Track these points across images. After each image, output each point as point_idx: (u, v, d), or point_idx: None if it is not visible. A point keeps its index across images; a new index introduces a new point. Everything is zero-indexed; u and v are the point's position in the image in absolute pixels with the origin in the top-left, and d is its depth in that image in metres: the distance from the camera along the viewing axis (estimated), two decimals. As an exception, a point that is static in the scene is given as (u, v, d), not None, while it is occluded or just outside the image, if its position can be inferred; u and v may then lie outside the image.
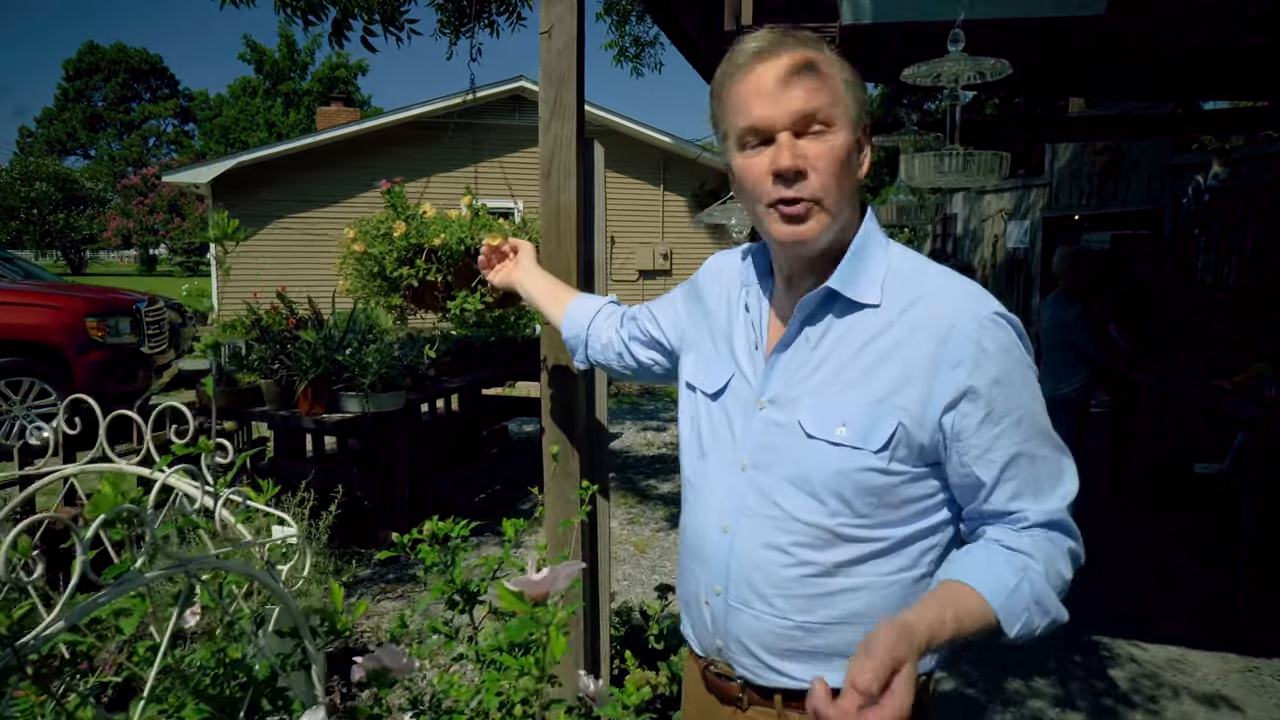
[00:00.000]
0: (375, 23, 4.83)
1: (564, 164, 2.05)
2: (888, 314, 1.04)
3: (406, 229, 1.92)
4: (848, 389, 1.04)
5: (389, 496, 4.32)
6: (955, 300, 1.02)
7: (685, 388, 1.28)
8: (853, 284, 1.06)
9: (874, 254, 1.08)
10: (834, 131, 1.01)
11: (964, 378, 0.99)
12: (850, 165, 1.03)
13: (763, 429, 1.10)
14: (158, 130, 54.82)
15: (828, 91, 1.00)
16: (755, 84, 1.01)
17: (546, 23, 2.04)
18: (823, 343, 1.07)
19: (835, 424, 1.03)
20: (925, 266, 1.08)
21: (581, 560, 1.93)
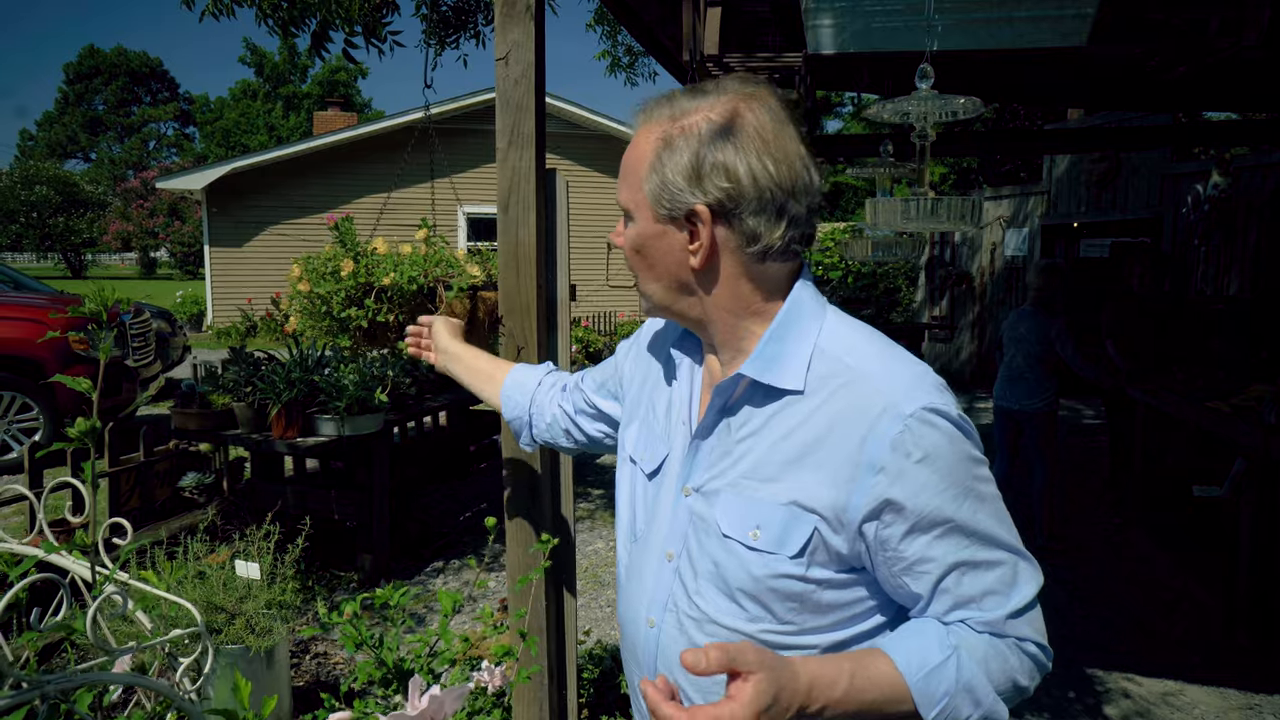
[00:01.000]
0: (357, 34, 4.75)
1: (523, 197, 1.95)
2: (811, 401, 0.93)
3: (355, 267, 1.82)
4: (764, 486, 0.94)
5: (368, 519, 4.22)
6: (880, 391, 0.90)
7: (626, 461, 1.18)
8: (770, 368, 0.95)
9: (800, 331, 0.97)
10: (630, 221, 1.01)
11: (884, 487, 0.88)
12: (657, 254, 0.98)
13: (687, 519, 1.02)
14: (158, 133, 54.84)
15: (627, 183, 1.00)
16: None
17: (503, 49, 1.94)
18: (742, 431, 0.98)
19: (750, 525, 0.94)
20: (856, 344, 0.96)
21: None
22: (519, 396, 1.45)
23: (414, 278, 1.90)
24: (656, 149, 0.95)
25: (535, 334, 1.98)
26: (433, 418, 5.83)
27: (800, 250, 0.99)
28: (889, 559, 0.91)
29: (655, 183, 0.95)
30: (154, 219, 29.28)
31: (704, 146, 0.92)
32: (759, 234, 0.94)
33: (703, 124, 0.93)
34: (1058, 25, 1.38)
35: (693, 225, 0.95)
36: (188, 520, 4.08)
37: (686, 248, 0.96)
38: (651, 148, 0.95)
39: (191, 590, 2.66)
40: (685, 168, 0.93)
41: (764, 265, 0.96)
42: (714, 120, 0.93)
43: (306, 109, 44.84)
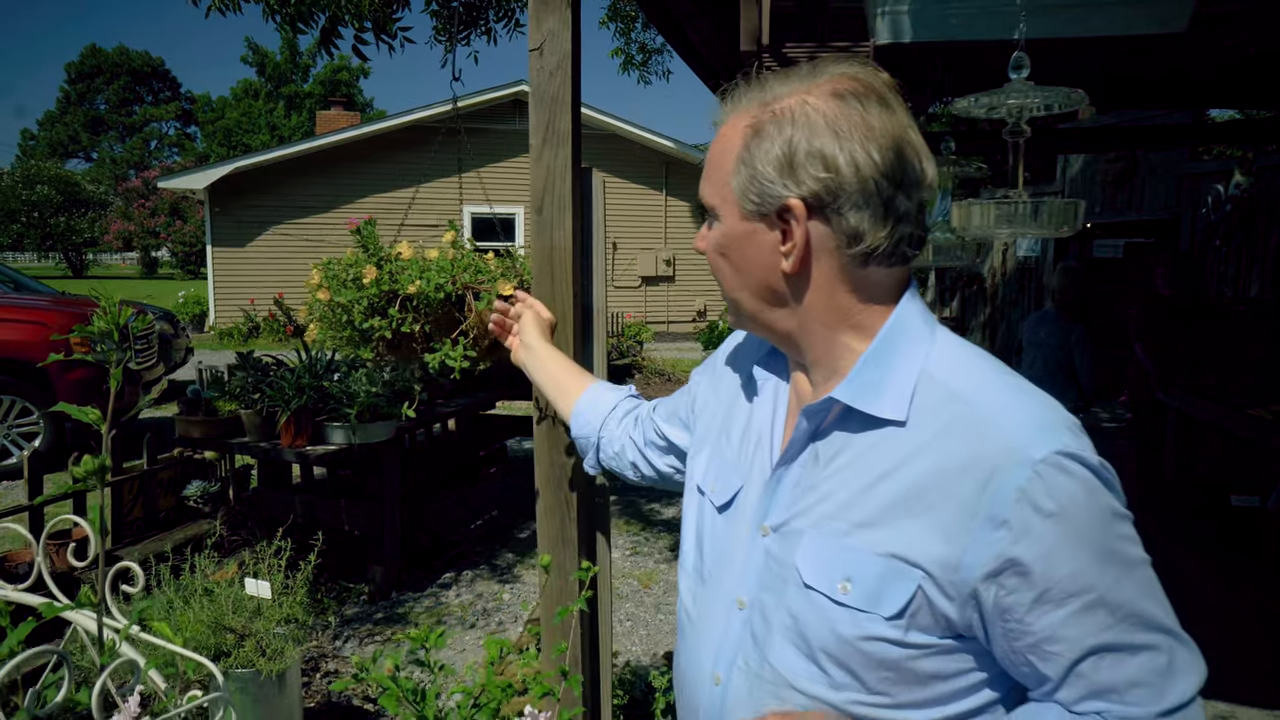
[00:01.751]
0: (366, 30, 4.63)
1: (558, 198, 1.82)
2: (916, 436, 0.80)
3: (378, 274, 1.69)
4: (857, 531, 0.81)
5: (379, 530, 4.09)
6: (1003, 430, 0.76)
7: (694, 491, 1.05)
8: (868, 393, 0.83)
9: (905, 352, 0.84)
10: (715, 220, 0.90)
11: (1006, 545, 0.74)
12: (744, 258, 0.88)
13: (763, 563, 0.89)
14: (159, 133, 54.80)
15: (713, 174, 0.89)
16: None
17: (537, 38, 1.81)
18: (833, 463, 0.85)
19: (839, 576, 0.81)
20: (972, 372, 0.83)
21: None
22: (591, 416, 1.35)
23: (441, 285, 1.77)
24: (745, 138, 0.84)
25: (571, 345, 1.85)
26: (441, 423, 5.70)
27: (910, 254, 0.86)
28: (1010, 631, 0.77)
29: (744, 175, 0.84)
30: (155, 219, 29.17)
31: (799, 132, 0.81)
32: (861, 232, 0.81)
33: (797, 108, 0.82)
34: (1155, 10, 1.25)
35: (785, 223, 0.84)
36: (193, 531, 3.96)
37: (778, 248, 0.85)
38: (739, 137, 0.85)
39: (199, 610, 2.53)
40: (777, 157, 0.82)
41: (866, 270, 0.84)
42: (811, 104, 0.82)
43: (309, 108, 44.73)
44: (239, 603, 2.67)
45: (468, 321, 1.90)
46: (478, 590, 4.25)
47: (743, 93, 0.88)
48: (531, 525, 5.26)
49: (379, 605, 4.03)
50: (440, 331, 1.85)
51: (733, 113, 0.87)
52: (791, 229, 0.83)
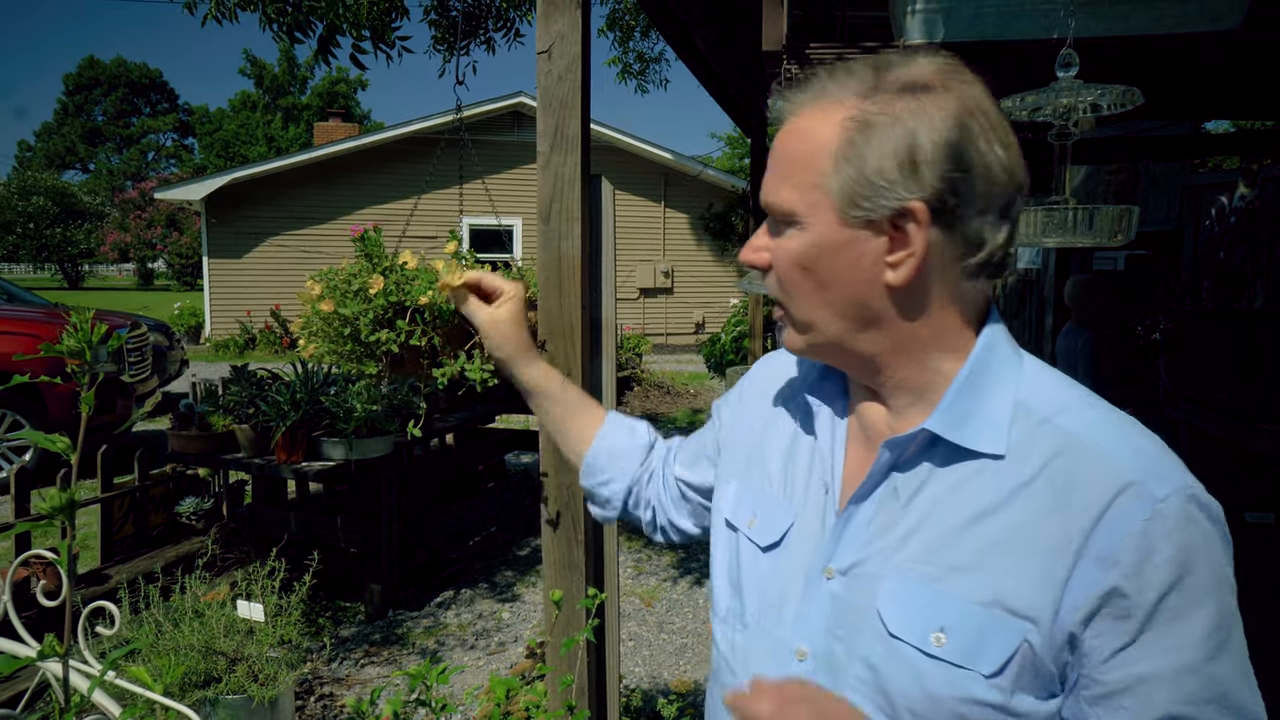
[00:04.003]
0: (364, 39, 4.58)
1: (567, 206, 1.74)
2: (1016, 471, 0.72)
3: (386, 284, 1.61)
4: (950, 575, 0.72)
5: (376, 547, 3.99)
6: (1119, 464, 0.69)
7: (722, 527, 0.95)
8: (965, 424, 0.74)
9: (998, 377, 0.76)
10: (795, 228, 0.76)
11: (1113, 582, 0.67)
12: (832, 271, 0.75)
13: (831, 609, 0.79)
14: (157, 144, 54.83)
15: (793, 179, 0.76)
16: None
17: (545, 40, 1.74)
18: (917, 500, 0.76)
19: (930, 625, 0.72)
20: (1071, 403, 0.75)
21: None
22: (612, 473, 1.15)
23: (450, 296, 1.69)
24: (847, 133, 0.72)
25: (580, 359, 1.77)
26: (439, 437, 5.61)
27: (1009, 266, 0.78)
28: (1081, 679, 0.70)
29: (849, 175, 0.72)
30: (152, 230, 29.08)
31: (922, 125, 0.71)
32: (984, 240, 0.73)
33: (913, 99, 0.72)
34: (1206, 6, 1.18)
35: (898, 229, 0.73)
36: (185, 549, 3.86)
37: (882, 259, 0.74)
38: (835, 131, 0.73)
39: (189, 634, 2.43)
40: (897, 153, 0.71)
41: (974, 284, 0.76)
42: (930, 94, 0.72)
43: (306, 120, 44.77)
44: (231, 625, 2.57)
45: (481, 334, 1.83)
46: (477, 609, 4.14)
47: (828, 83, 0.76)
48: (532, 542, 5.16)
49: (376, 625, 3.92)
50: (450, 344, 1.77)
51: (813, 104, 0.76)
52: (909, 236, 0.73)
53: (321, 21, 4.60)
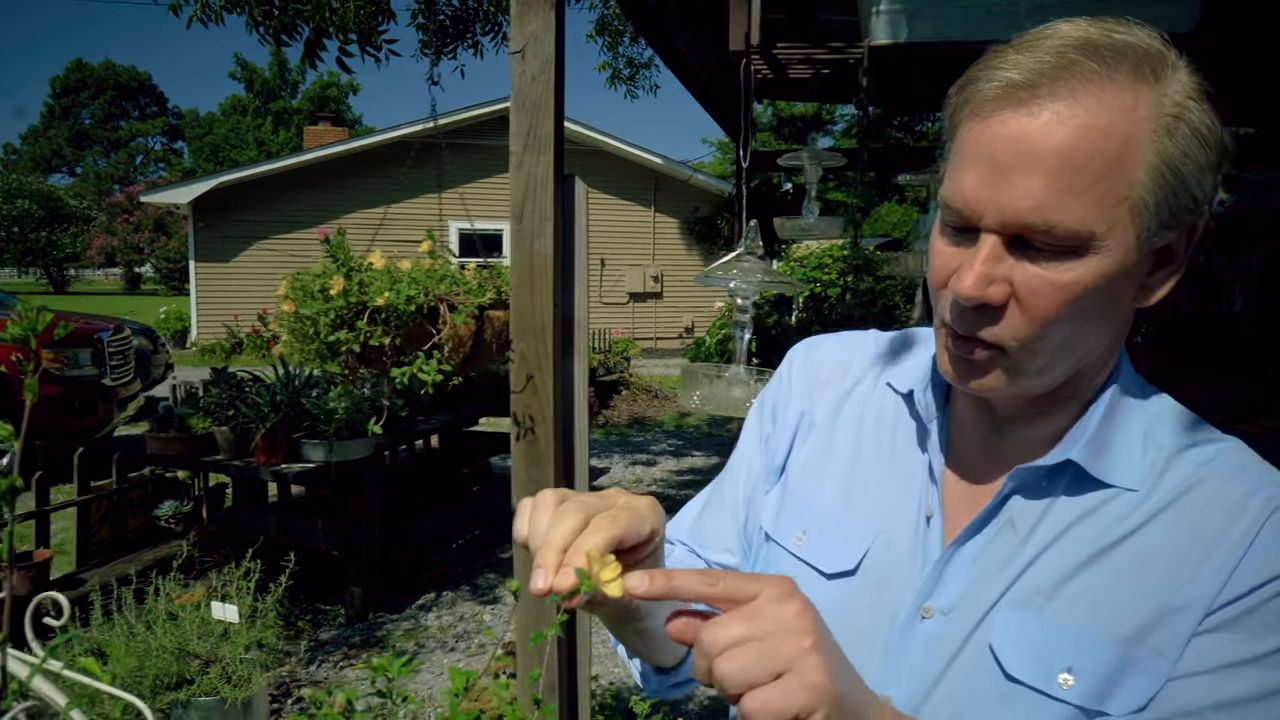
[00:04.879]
0: (351, 43, 4.58)
1: (539, 206, 1.75)
2: (1148, 502, 0.67)
3: (346, 285, 1.61)
4: (1076, 610, 0.65)
5: (356, 550, 3.98)
6: (1250, 480, 0.65)
7: (763, 539, 0.83)
8: (1102, 458, 0.68)
9: (1131, 410, 0.70)
10: (1081, 259, 0.60)
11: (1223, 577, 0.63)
12: (1099, 306, 0.62)
13: (928, 653, 0.70)
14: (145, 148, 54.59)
15: (1095, 191, 0.58)
16: (986, 137, 0.61)
17: (519, 40, 1.75)
18: (1038, 531, 0.69)
19: (1058, 665, 0.65)
20: (1202, 430, 0.70)
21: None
22: None
23: (412, 297, 1.69)
24: (1159, 128, 0.59)
25: (551, 358, 1.78)
26: (424, 440, 5.60)
27: None
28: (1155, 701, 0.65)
29: (1168, 184, 0.60)
30: (139, 234, 28.93)
31: (1206, 126, 0.60)
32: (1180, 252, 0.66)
33: (1195, 82, 0.61)
34: (1162, 9, 1.20)
35: (1170, 248, 0.64)
36: (164, 552, 3.83)
37: (1142, 282, 0.65)
38: (1147, 126, 0.59)
39: (162, 636, 2.42)
40: (1207, 161, 0.61)
41: None
42: (1197, 78, 0.62)
43: (297, 124, 44.65)
44: (205, 627, 2.56)
45: (441, 334, 1.83)
46: (459, 612, 4.13)
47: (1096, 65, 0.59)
48: (513, 545, 5.15)
49: (356, 628, 3.91)
50: (412, 345, 1.78)
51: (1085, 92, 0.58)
52: (1176, 254, 0.65)
53: (308, 24, 4.59)
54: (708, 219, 11.24)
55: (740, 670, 0.51)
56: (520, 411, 1.82)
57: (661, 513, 0.64)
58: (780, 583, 0.55)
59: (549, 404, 1.78)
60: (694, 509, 0.94)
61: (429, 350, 1.72)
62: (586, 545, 0.56)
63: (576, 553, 0.56)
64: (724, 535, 0.90)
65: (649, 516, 0.62)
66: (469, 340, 1.89)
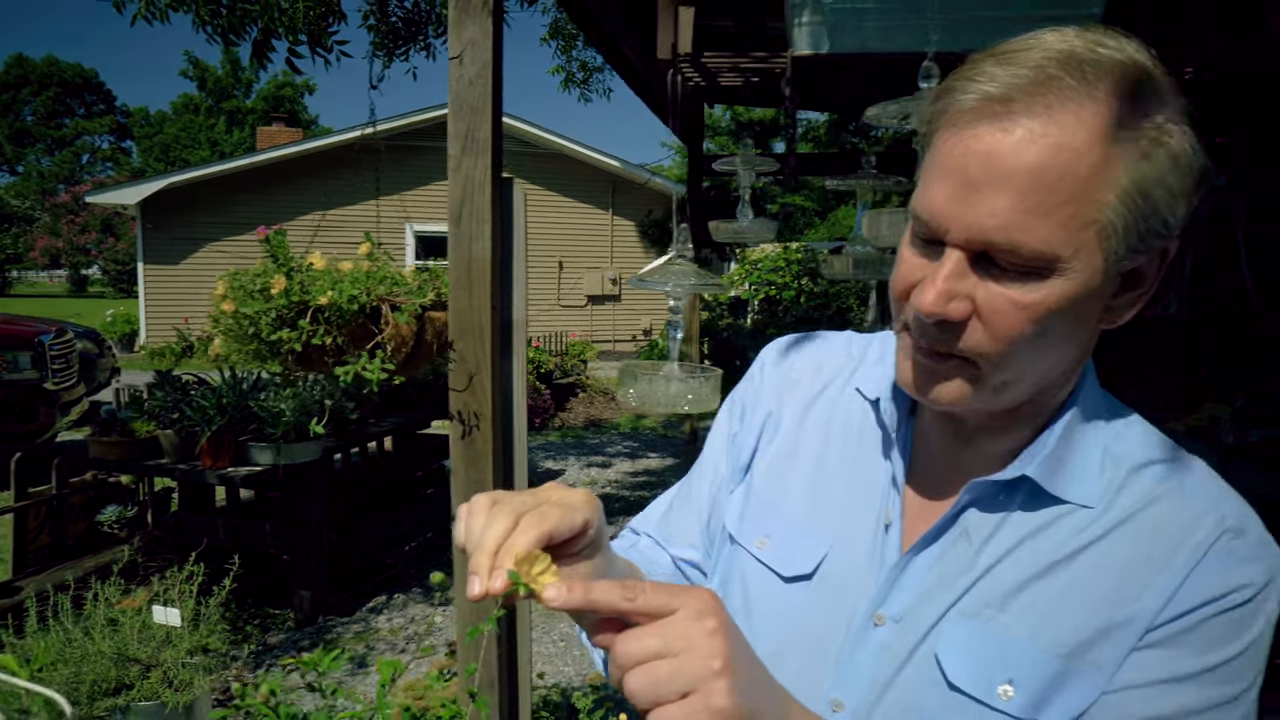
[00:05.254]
0: (301, 44, 4.54)
1: (477, 209, 1.78)
2: (1102, 520, 0.67)
3: (287, 284, 1.63)
4: (1023, 623, 0.66)
5: (306, 553, 3.95)
6: (1209, 523, 0.65)
7: (725, 539, 0.85)
8: (1059, 474, 0.69)
9: (1092, 427, 0.70)
10: (1045, 280, 0.60)
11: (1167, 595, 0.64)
12: (1063, 326, 0.63)
13: (877, 660, 0.71)
14: (92, 147, 53.09)
15: (1062, 213, 0.58)
16: (959, 151, 0.60)
17: (457, 46, 1.78)
18: (991, 543, 0.69)
19: (999, 676, 0.65)
20: (1163, 448, 0.70)
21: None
22: None
23: (355, 296, 1.72)
24: (1134, 152, 0.58)
25: (489, 358, 1.81)
26: (377, 443, 5.56)
27: None
28: None
29: (1138, 209, 0.59)
30: (85, 235, 28.14)
31: (1193, 149, 0.60)
32: (1149, 276, 0.65)
33: (1179, 104, 0.60)
34: (1064, 26, 1.28)
35: (1140, 271, 0.64)
36: (106, 558, 3.76)
37: (1107, 303, 0.65)
38: (1122, 149, 0.58)
39: (100, 642, 2.39)
40: (1181, 188, 0.60)
41: None
42: (1182, 100, 0.61)
43: (251, 124, 43.79)
44: (146, 632, 2.53)
45: (384, 334, 1.85)
46: (410, 614, 4.12)
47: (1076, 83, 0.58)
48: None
49: (305, 631, 3.88)
50: (354, 344, 1.80)
51: (1063, 110, 0.57)
52: (1145, 276, 0.65)
53: (256, 25, 4.55)
54: (660, 222, 11.34)
55: (649, 687, 0.52)
56: (460, 410, 1.85)
57: (597, 504, 0.64)
58: (700, 599, 0.55)
59: (487, 404, 1.82)
60: (663, 504, 0.96)
61: (372, 350, 1.75)
62: (516, 546, 0.57)
63: (507, 554, 0.56)
64: (689, 531, 0.91)
65: (581, 509, 0.62)
66: (411, 340, 1.91)
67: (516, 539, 0.57)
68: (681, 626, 0.53)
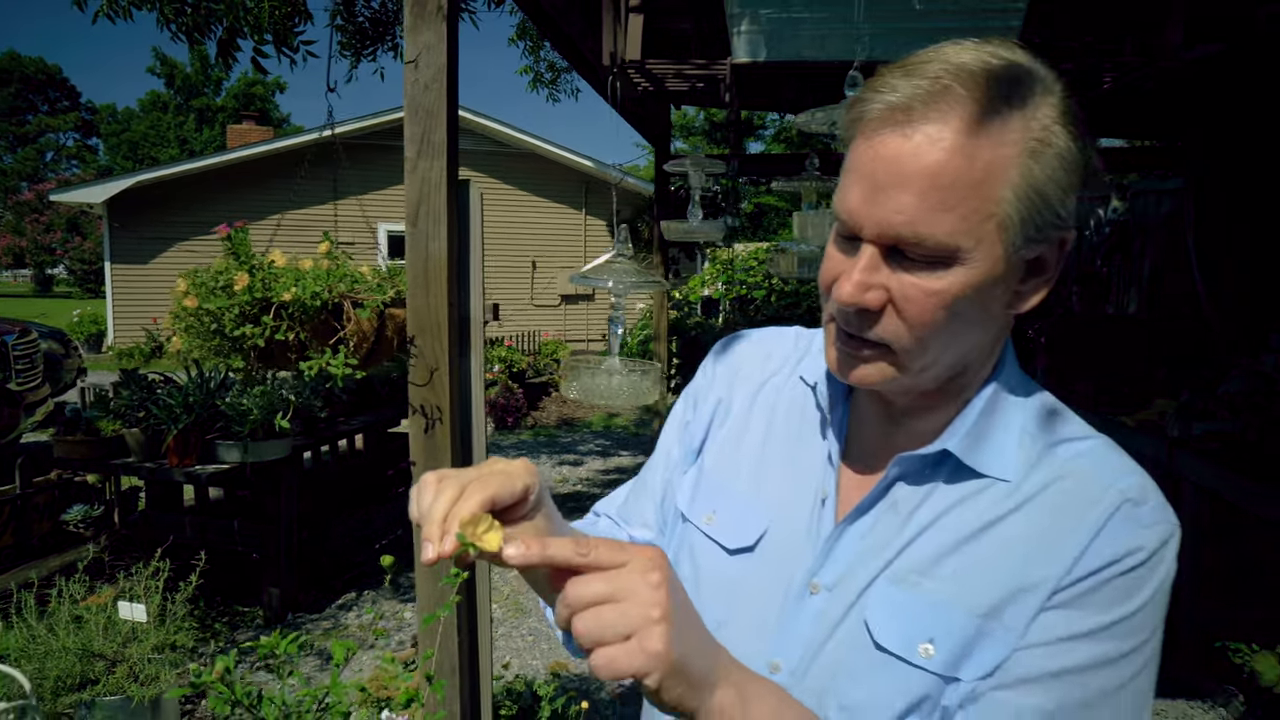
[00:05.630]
0: (267, 43, 4.54)
1: (433, 209, 1.84)
2: (1018, 492, 0.74)
3: (250, 281, 1.68)
4: (944, 587, 0.72)
5: (275, 550, 3.97)
6: (1113, 493, 0.71)
7: (677, 518, 0.90)
8: (978, 449, 0.75)
9: (1010, 406, 0.76)
10: (949, 269, 0.67)
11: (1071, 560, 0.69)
12: (972, 311, 0.69)
13: (812, 625, 0.77)
14: (56, 144, 52.10)
15: (961, 209, 0.65)
16: (869, 156, 0.67)
17: (413, 51, 1.83)
18: (918, 515, 0.75)
19: (920, 636, 0.71)
20: (1075, 426, 0.77)
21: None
22: None
23: (318, 293, 1.77)
24: (1024, 152, 0.65)
25: (447, 355, 1.87)
26: (348, 442, 5.58)
27: None
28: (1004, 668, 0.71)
29: (1032, 203, 0.66)
30: (50, 234, 27.65)
31: (1079, 140, 0.67)
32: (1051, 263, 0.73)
33: (1065, 108, 0.67)
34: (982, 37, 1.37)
35: (1040, 258, 0.71)
36: (71, 557, 3.76)
37: (1013, 289, 0.71)
38: (1013, 150, 0.65)
39: (65, 638, 2.41)
40: (1069, 183, 0.67)
41: None
42: (1068, 104, 0.67)
43: (221, 122, 43.23)
44: (112, 628, 2.56)
45: (347, 329, 1.90)
46: (380, 610, 4.16)
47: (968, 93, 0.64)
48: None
49: (274, 628, 3.90)
50: (317, 340, 1.85)
51: (956, 116, 0.64)
52: (1046, 264, 0.71)
53: (221, 24, 4.55)
54: (629, 222, 11.43)
55: (594, 629, 0.57)
56: (422, 404, 1.90)
57: (535, 471, 0.68)
58: (647, 556, 0.60)
59: (446, 399, 1.87)
60: (625, 489, 1.02)
61: (335, 345, 1.80)
62: (462, 511, 0.61)
63: (454, 519, 0.61)
64: (644, 512, 0.96)
65: (521, 475, 0.66)
66: (372, 336, 1.96)
67: (462, 505, 0.61)
68: (628, 578, 0.59)
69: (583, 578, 0.59)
